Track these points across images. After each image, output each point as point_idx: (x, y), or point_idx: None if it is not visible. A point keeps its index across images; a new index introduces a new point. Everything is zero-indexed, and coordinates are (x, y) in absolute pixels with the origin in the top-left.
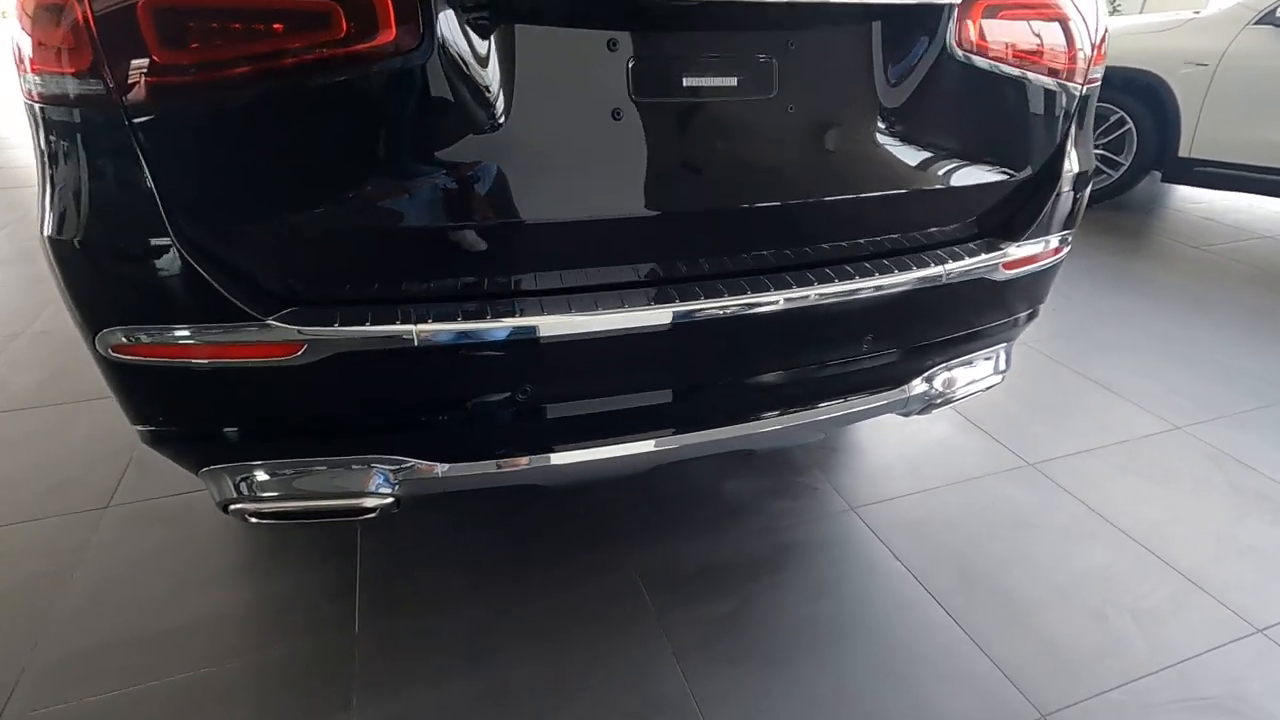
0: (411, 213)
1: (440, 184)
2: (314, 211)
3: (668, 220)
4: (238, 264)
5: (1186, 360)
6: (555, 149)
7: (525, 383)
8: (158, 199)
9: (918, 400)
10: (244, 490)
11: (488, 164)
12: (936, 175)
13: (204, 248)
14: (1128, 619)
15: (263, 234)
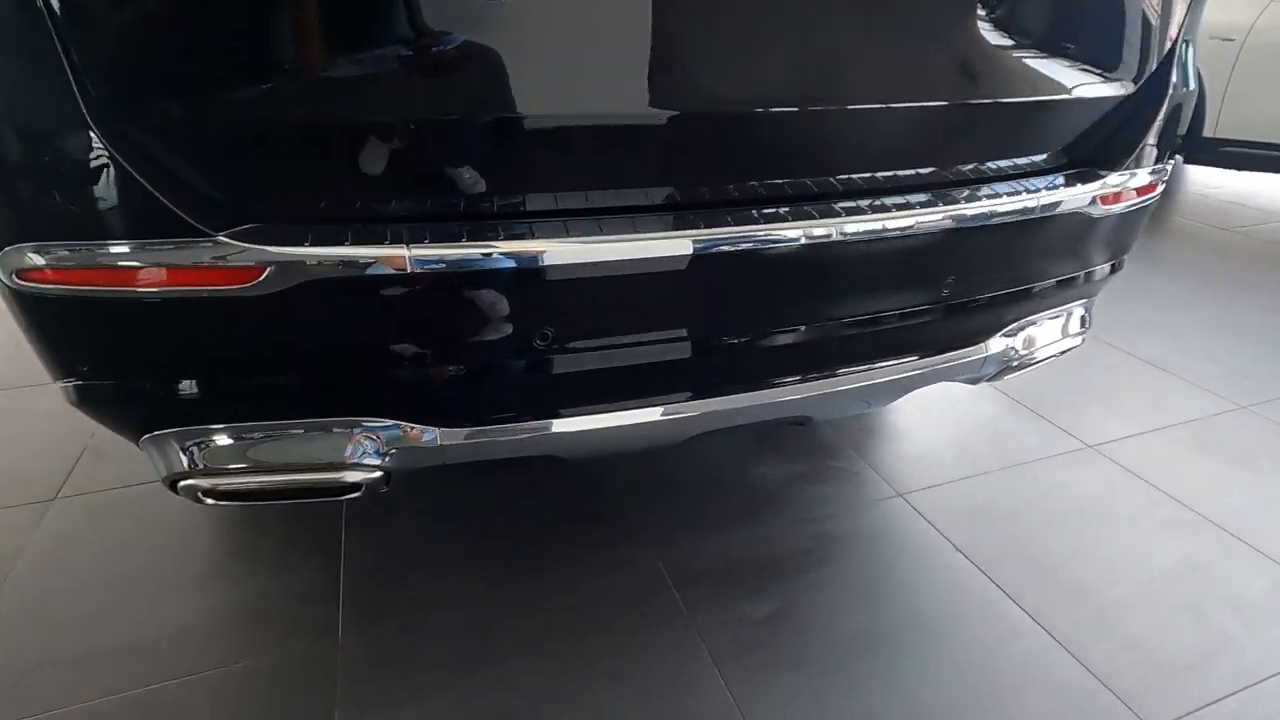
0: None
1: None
2: (270, 93)
3: (711, 122)
4: (177, 162)
5: (1238, 339)
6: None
7: (544, 324)
8: (72, 74)
9: (994, 361)
10: (196, 461)
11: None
12: (1031, 83)
13: (133, 139)
14: (1229, 614)
15: (210, 120)
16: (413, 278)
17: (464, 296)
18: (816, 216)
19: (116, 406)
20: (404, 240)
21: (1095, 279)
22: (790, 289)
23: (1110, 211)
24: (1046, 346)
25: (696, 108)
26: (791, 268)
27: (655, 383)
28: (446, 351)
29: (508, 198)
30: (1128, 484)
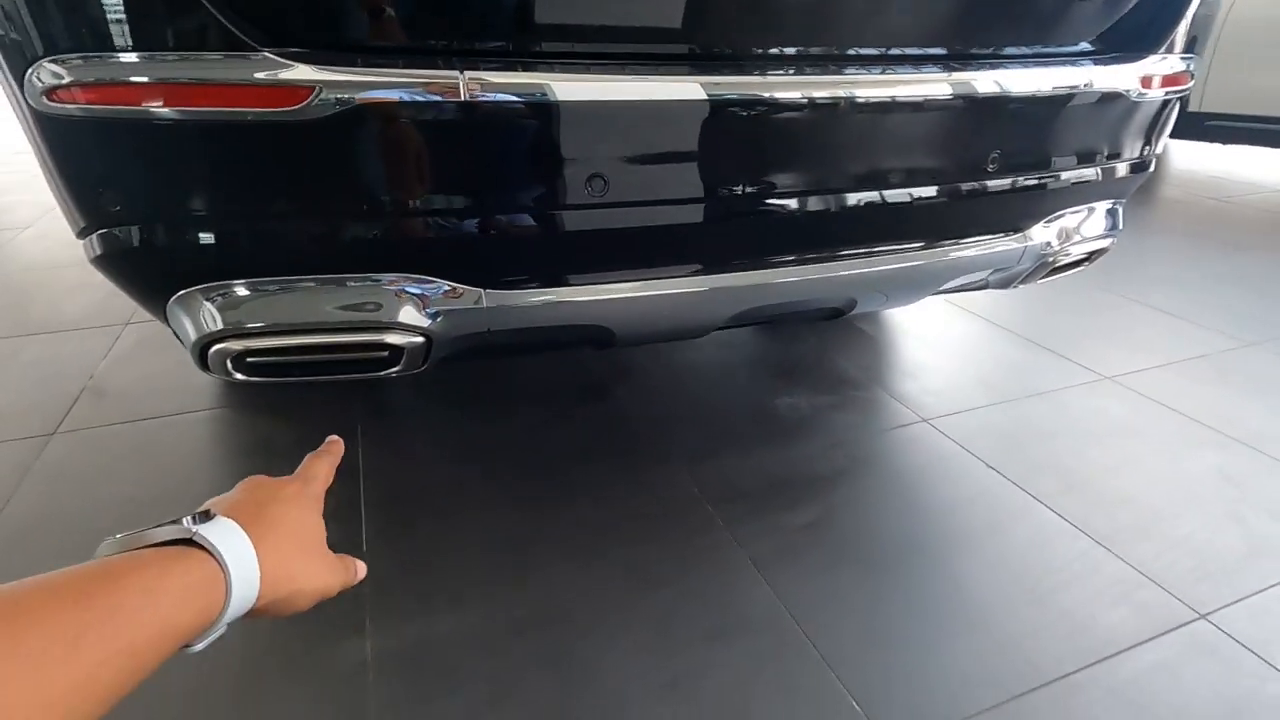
0: None
1: None
2: None
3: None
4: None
5: (1242, 288)
6: None
7: (596, 169)
8: None
9: (1033, 255)
10: (231, 320)
11: None
12: None
13: None
14: (1265, 519)
15: None
16: (467, 108)
17: (518, 133)
18: (868, 77)
19: (146, 258)
20: (460, 67)
21: (1127, 173)
22: (840, 153)
23: (1146, 96)
24: (1081, 243)
25: None
26: (842, 129)
27: (699, 251)
28: (497, 199)
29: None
30: (1150, 409)
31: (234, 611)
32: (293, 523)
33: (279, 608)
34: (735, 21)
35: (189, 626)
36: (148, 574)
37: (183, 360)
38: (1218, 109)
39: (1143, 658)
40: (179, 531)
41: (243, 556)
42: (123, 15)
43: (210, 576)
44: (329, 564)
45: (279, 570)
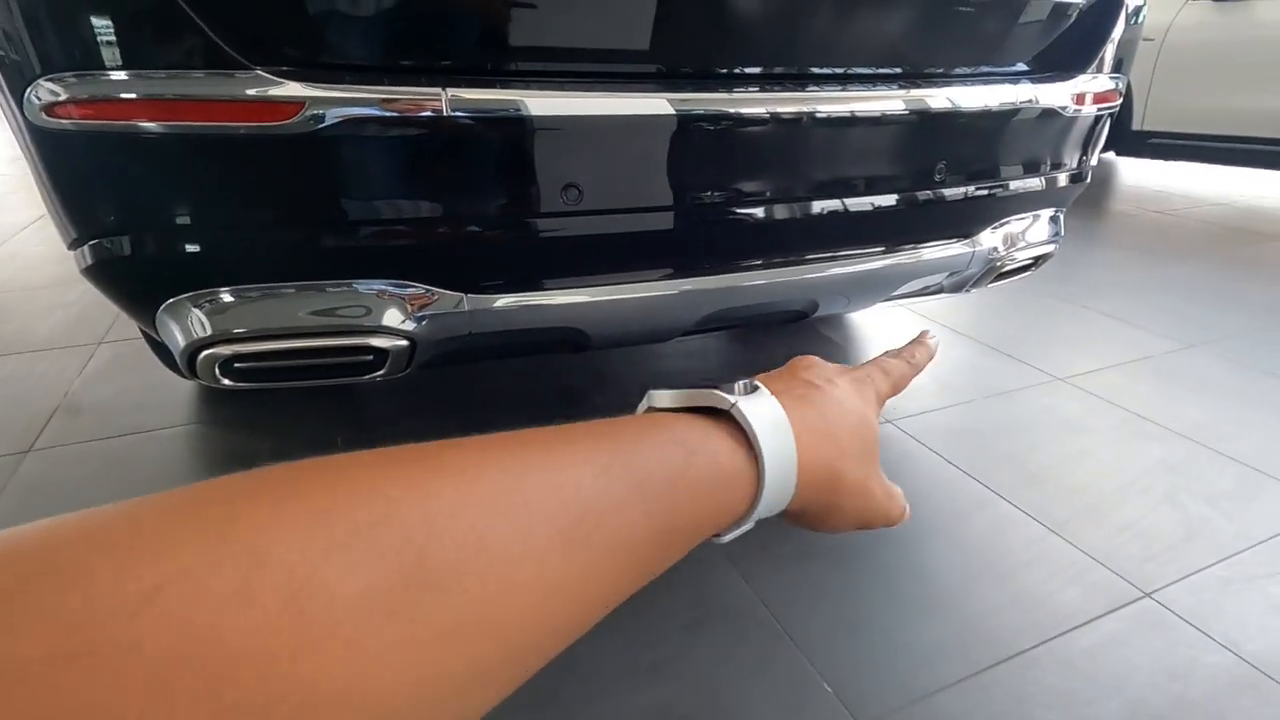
0: None
1: None
2: None
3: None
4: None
5: (1183, 295)
6: None
7: (572, 178)
8: None
9: (981, 260)
10: (220, 326)
11: None
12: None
13: None
14: (1203, 504)
15: None
16: (449, 122)
17: (498, 146)
18: (826, 94)
19: (137, 267)
20: (442, 83)
21: (1066, 183)
22: (799, 164)
23: (1079, 112)
24: (1025, 249)
25: None
26: (801, 142)
27: (669, 257)
28: (478, 207)
29: (538, 57)
30: (1099, 406)
31: (764, 510)
32: (849, 418)
33: (812, 517)
34: (701, 42)
35: (709, 522)
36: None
37: (158, 377)
38: (1159, 128)
39: (1094, 633)
40: (719, 400)
41: (782, 447)
42: (121, 35)
43: (740, 466)
44: (882, 484)
45: (822, 471)
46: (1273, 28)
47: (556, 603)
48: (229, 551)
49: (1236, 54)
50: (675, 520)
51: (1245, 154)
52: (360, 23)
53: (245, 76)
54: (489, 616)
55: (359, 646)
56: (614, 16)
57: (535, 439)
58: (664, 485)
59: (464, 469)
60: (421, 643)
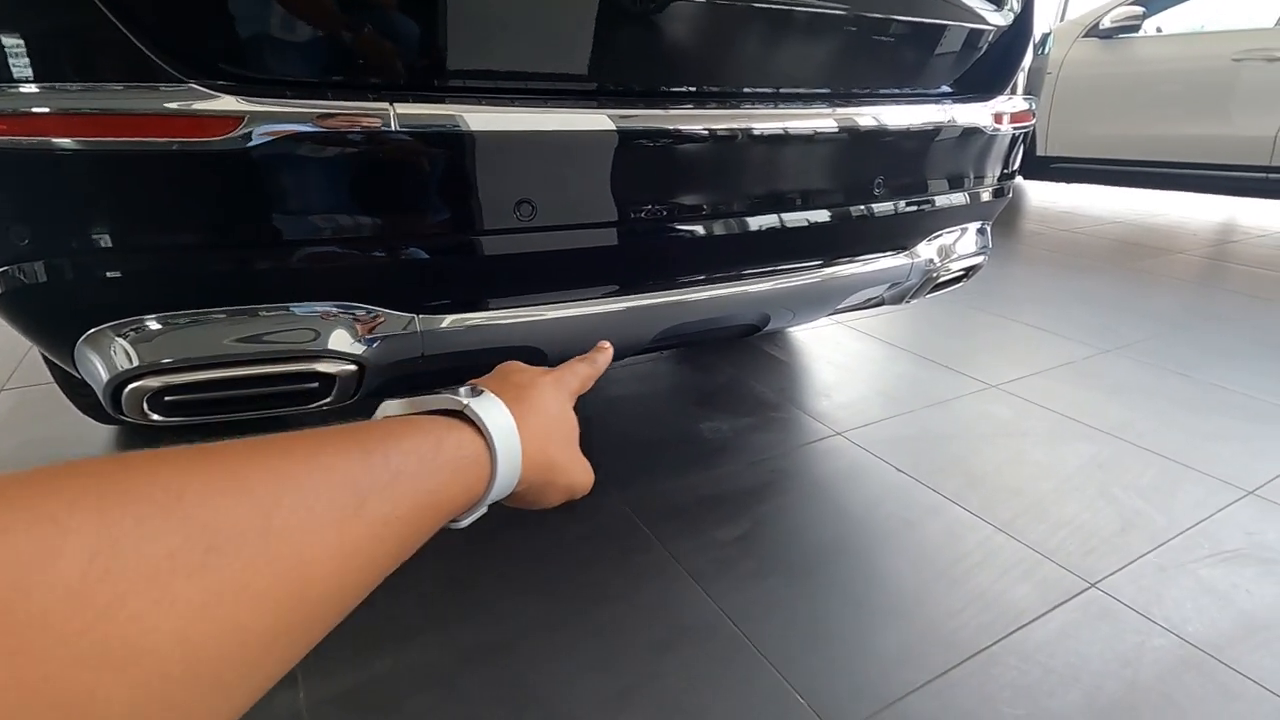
0: None
1: None
2: None
3: (684, 14)
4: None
5: (1095, 305)
6: None
7: (524, 194)
8: None
9: (919, 271)
10: (147, 355)
11: None
12: (941, 8)
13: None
14: (1134, 497)
15: None
16: (397, 139)
17: (447, 163)
18: (766, 112)
19: (54, 297)
20: (388, 98)
21: (991, 198)
22: (744, 180)
23: (999, 130)
24: (959, 260)
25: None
26: (745, 159)
27: (623, 273)
28: (429, 225)
29: (486, 73)
30: (1031, 410)
31: (497, 492)
32: (554, 410)
33: (532, 496)
34: (645, 60)
35: (456, 502)
36: (425, 442)
37: (71, 425)
38: (1059, 153)
39: (1047, 626)
40: (451, 403)
41: (509, 437)
42: (41, 46)
43: (478, 453)
44: (582, 461)
45: (539, 456)
46: (1151, 63)
47: (344, 568)
48: (33, 519)
49: (1121, 87)
50: (429, 499)
51: (1136, 176)
52: (300, 34)
53: (177, 89)
54: (289, 576)
55: (167, 602)
56: (560, 34)
57: (305, 435)
58: (418, 468)
59: (247, 458)
60: (224, 601)
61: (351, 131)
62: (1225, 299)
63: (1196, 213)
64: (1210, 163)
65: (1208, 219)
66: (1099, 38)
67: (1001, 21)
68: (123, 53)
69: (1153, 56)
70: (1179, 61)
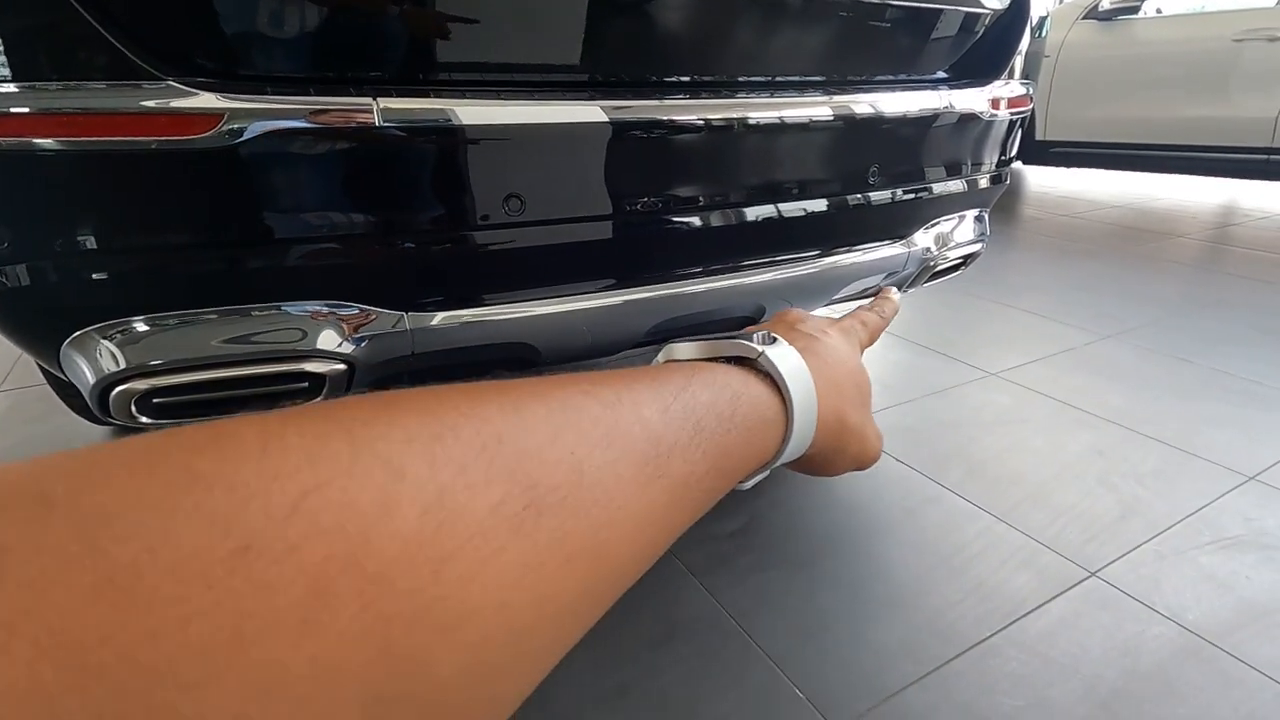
0: None
1: None
2: None
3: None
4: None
5: (1095, 290)
6: None
7: (513, 189)
8: None
9: (916, 259)
10: (134, 358)
11: None
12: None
13: None
14: (1133, 484)
15: None
16: (381, 134)
17: (433, 158)
18: (760, 101)
19: (37, 300)
20: (372, 93)
21: (988, 184)
22: (738, 170)
23: (996, 116)
24: (956, 248)
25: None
26: (739, 149)
27: (615, 266)
28: (416, 221)
29: (471, 64)
30: (1031, 398)
31: (787, 455)
32: (849, 366)
33: (819, 462)
34: (635, 50)
35: (748, 464)
36: (720, 396)
37: (66, 425)
38: (1058, 138)
39: (1047, 615)
40: (745, 350)
41: (807, 394)
42: (15, 44)
43: (774, 411)
44: (874, 426)
45: (831, 418)
46: (1150, 45)
47: (644, 530)
48: (365, 464)
49: (1120, 69)
50: (724, 460)
51: (1135, 159)
52: (280, 29)
53: (156, 87)
54: (597, 540)
55: (491, 563)
56: (548, 24)
57: (601, 379)
58: (716, 424)
59: (553, 398)
60: (543, 562)
61: (335, 127)
62: (1226, 283)
63: (1197, 196)
64: (1211, 145)
65: (1208, 202)
66: (1098, 19)
67: (997, 5)
68: (100, 50)
69: (1152, 38)
70: (1179, 43)
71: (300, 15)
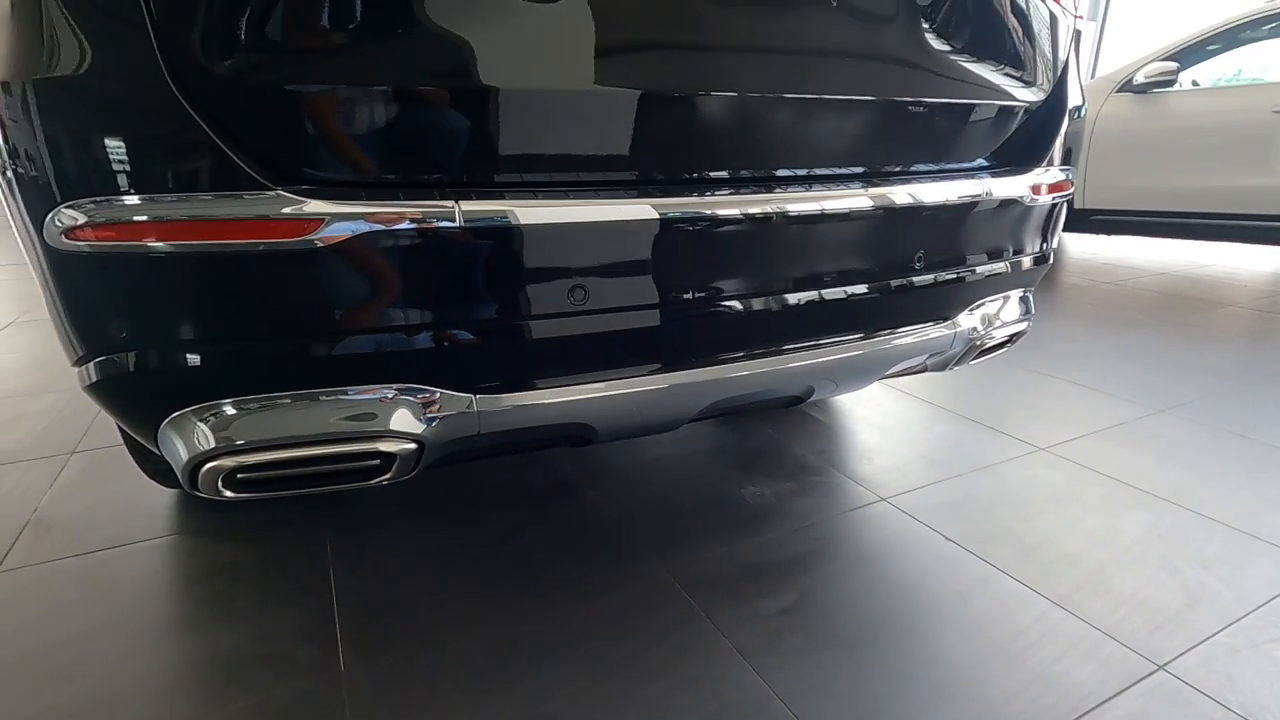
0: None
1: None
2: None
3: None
4: (247, 120)
5: (1143, 360)
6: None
7: (578, 282)
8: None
9: (962, 340)
10: (223, 438)
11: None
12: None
13: (207, 98)
14: (1198, 570)
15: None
16: (462, 233)
17: (507, 253)
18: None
19: (144, 382)
20: (454, 196)
21: (1031, 266)
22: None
23: (1037, 201)
24: (1002, 327)
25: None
26: (789, 239)
27: (671, 351)
28: (489, 311)
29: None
30: (1084, 475)
31: None
32: None
33: None
34: (690, 150)
35: None
36: None
37: (137, 486)
38: (1098, 206)
39: (1115, 712)
40: None
41: None
42: (146, 160)
43: None
44: None
45: None
46: (1189, 116)
47: None
48: None
49: (1158, 139)
50: None
51: (1178, 227)
52: (375, 142)
53: (268, 196)
54: None
55: None
56: (609, 131)
57: None
58: None
59: None
60: None
61: (420, 228)
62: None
63: (1246, 263)
64: (1255, 214)
65: (1258, 269)
66: (1134, 93)
67: (1036, 98)
68: (218, 164)
69: (1191, 110)
70: (1218, 115)
71: (390, 131)
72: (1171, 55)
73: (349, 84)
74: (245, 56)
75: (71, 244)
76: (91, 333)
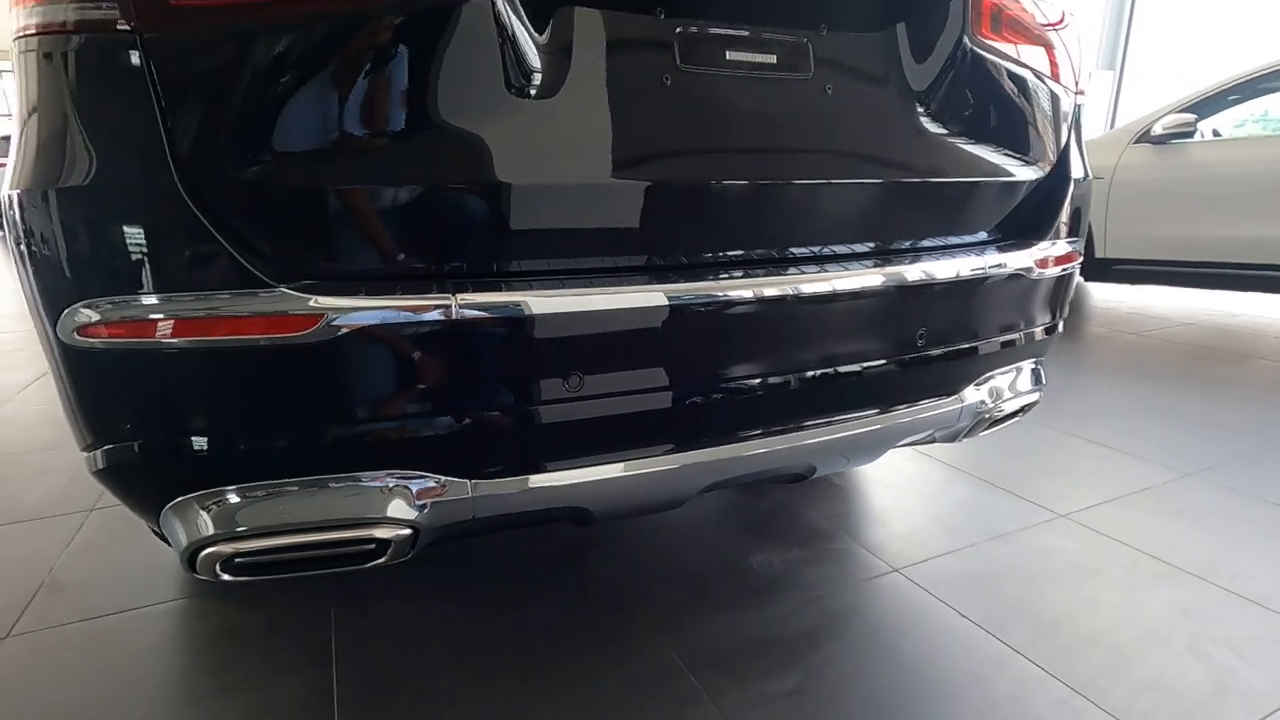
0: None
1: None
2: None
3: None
4: (250, 223)
5: (1169, 419)
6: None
7: (573, 369)
8: (168, 142)
9: (970, 413)
10: (223, 525)
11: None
12: (972, 168)
13: (213, 201)
14: (1227, 653)
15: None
16: (458, 324)
17: (504, 342)
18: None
19: (148, 469)
20: (450, 290)
21: (1041, 337)
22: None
23: (1044, 274)
24: (1011, 399)
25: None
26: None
27: (669, 434)
28: (485, 400)
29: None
30: (1105, 545)
31: None
32: None
33: None
34: (688, 235)
35: None
36: None
37: (149, 545)
38: (1119, 255)
39: None
40: None
41: None
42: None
43: None
44: None
45: None
46: (1210, 166)
47: None
48: None
49: (1178, 189)
50: None
51: (1198, 276)
52: (374, 240)
53: (271, 294)
54: None
55: None
56: (606, 219)
57: None
58: None
59: None
60: None
61: (419, 319)
62: None
63: (1276, 313)
64: (1276, 264)
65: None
66: (1152, 143)
67: (1038, 174)
68: (225, 265)
69: (1211, 160)
70: (1239, 165)
71: (388, 227)
72: (1189, 107)
73: (346, 186)
74: (251, 166)
75: (84, 340)
76: (100, 422)
